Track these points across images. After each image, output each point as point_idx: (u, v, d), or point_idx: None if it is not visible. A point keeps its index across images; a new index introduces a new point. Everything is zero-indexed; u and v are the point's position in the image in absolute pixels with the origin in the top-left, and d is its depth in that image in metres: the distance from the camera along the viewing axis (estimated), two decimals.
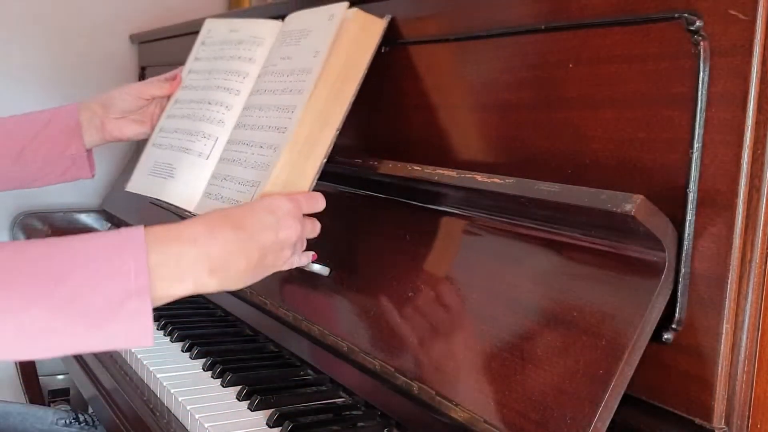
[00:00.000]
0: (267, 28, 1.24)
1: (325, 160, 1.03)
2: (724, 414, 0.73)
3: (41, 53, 2.08)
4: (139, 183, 1.28)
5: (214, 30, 1.38)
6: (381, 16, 1.09)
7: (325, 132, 1.02)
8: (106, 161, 2.20)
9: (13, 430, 1.30)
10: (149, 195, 1.27)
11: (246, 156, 1.09)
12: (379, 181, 1.07)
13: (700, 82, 0.72)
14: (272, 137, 1.05)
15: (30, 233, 2.08)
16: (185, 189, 1.23)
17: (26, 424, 1.32)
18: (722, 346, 0.72)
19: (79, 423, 1.38)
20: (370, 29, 1.05)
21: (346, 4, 1.03)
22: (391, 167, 1.01)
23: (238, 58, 1.28)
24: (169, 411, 1.02)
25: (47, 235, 2.07)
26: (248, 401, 0.99)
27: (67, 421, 1.37)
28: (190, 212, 1.23)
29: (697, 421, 0.73)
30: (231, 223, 0.78)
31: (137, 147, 2.18)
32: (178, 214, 1.43)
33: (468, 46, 0.99)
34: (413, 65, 1.09)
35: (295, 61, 1.09)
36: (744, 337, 0.72)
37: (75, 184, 2.15)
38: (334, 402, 1.02)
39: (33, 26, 2.06)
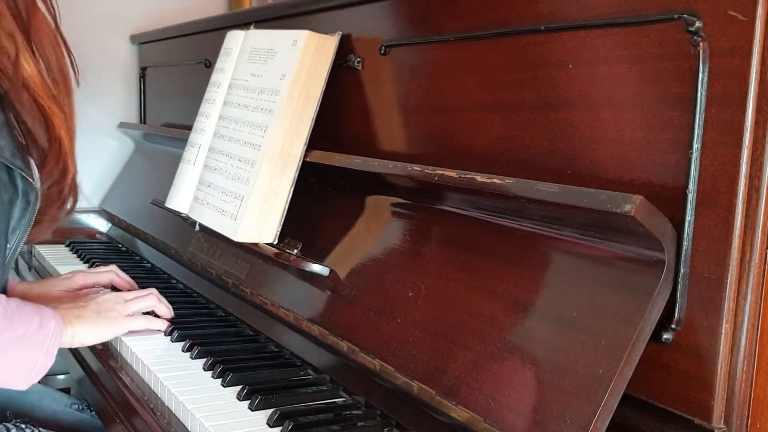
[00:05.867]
0: (234, 38, 1.39)
1: (298, 172, 1.19)
2: (723, 413, 0.73)
3: None
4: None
5: None
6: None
7: (295, 146, 1.19)
8: (105, 162, 2.20)
9: (30, 405, 1.33)
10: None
11: (226, 167, 1.27)
12: (379, 182, 1.07)
13: (700, 82, 0.72)
14: (248, 152, 1.22)
15: None
16: (181, 194, 1.40)
17: (43, 403, 1.35)
18: (721, 345, 0.72)
19: (91, 411, 1.40)
20: (324, 48, 1.19)
21: (308, 32, 1.18)
22: (391, 167, 1.01)
23: (214, 69, 1.42)
24: (170, 411, 1.02)
25: (48, 235, 2.08)
26: (249, 401, 0.99)
27: (80, 407, 1.39)
28: (186, 215, 1.35)
29: (697, 420, 0.74)
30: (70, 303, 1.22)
31: (136, 147, 2.18)
32: (176, 214, 1.43)
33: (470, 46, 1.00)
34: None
35: (264, 80, 1.24)
36: (743, 336, 0.72)
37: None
38: (335, 402, 1.02)
39: None
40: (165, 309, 1.29)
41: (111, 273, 1.44)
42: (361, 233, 1.09)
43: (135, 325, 1.22)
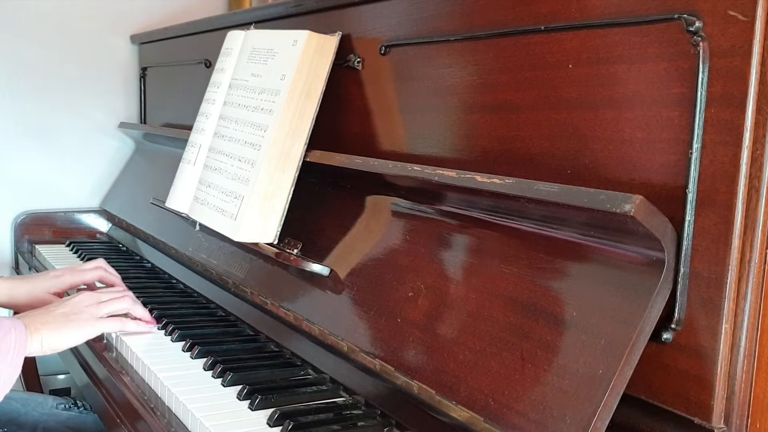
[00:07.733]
0: (234, 38, 1.39)
1: (298, 172, 1.19)
2: (723, 413, 0.73)
3: (43, 54, 2.08)
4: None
5: None
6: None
7: (295, 146, 1.19)
8: (105, 162, 2.21)
9: (16, 414, 1.32)
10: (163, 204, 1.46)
11: (226, 166, 1.27)
12: (379, 182, 1.07)
13: (700, 82, 0.72)
14: (249, 152, 1.22)
15: (32, 233, 2.08)
16: (181, 194, 1.41)
17: (27, 408, 1.35)
18: (721, 345, 0.72)
19: (78, 408, 1.39)
20: (324, 48, 1.19)
21: (308, 32, 1.19)
22: (391, 167, 1.01)
23: (214, 69, 1.42)
24: (170, 410, 1.02)
25: (49, 235, 2.09)
26: (249, 400, 0.99)
27: (66, 406, 1.39)
28: (186, 215, 1.35)
29: (697, 420, 0.74)
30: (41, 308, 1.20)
31: (137, 147, 2.18)
32: (177, 214, 1.43)
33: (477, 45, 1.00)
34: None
35: (264, 80, 1.24)
36: (743, 336, 0.72)
37: (75, 185, 2.17)
38: (335, 401, 1.02)
39: (34, 27, 2.06)
40: (141, 311, 1.26)
41: (98, 270, 1.42)
42: (361, 233, 1.09)
43: (108, 327, 1.20)
